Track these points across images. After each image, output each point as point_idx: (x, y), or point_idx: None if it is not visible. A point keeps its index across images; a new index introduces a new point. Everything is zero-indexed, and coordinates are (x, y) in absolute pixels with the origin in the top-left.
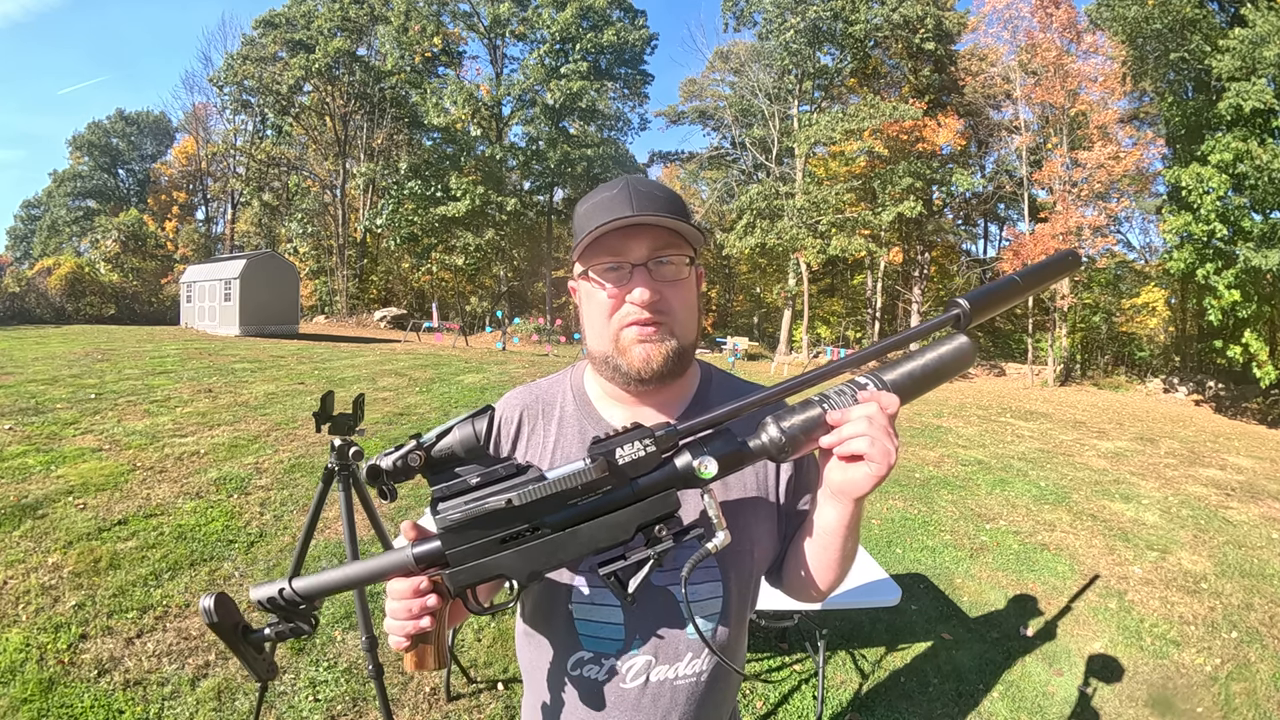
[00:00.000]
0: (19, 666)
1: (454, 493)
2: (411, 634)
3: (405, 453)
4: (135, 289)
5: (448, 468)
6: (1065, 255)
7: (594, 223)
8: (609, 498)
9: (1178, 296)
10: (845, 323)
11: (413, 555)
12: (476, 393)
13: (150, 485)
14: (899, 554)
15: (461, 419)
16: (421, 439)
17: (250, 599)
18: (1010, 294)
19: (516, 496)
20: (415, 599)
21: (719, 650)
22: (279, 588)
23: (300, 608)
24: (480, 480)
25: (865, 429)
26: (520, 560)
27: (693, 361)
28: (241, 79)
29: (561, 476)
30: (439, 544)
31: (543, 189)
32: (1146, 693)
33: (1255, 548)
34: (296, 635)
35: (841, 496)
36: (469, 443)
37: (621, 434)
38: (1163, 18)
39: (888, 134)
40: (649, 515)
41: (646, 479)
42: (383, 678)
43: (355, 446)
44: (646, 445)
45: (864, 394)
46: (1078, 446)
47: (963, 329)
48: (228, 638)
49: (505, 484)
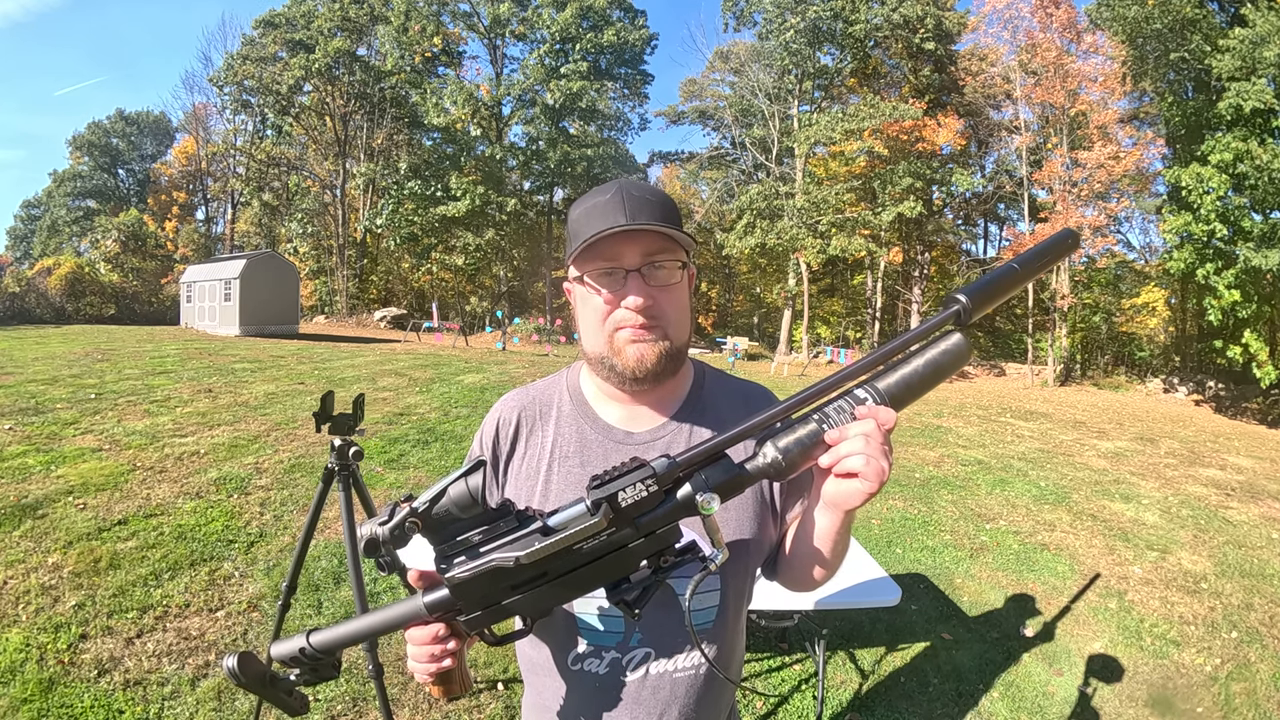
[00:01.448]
0: (19, 666)
1: (457, 551)
2: (435, 674)
3: (401, 520)
4: (135, 289)
5: (445, 527)
6: (1064, 236)
7: (588, 229)
8: (614, 538)
9: (1178, 296)
10: (845, 323)
11: (424, 605)
12: (476, 393)
13: (150, 485)
14: (899, 554)
15: (454, 478)
16: (415, 503)
17: (272, 656)
18: (1010, 282)
19: (524, 556)
20: (436, 645)
21: (717, 646)
22: (299, 646)
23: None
24: (483, 537)
25: (862, 447)
26: (532, 602)
27: (686, 361)
28: (241, 79)
29: (567, 531)
30: (449, 594)
31: (543, 189)
32: (1146, 693)
33: (1255, 548)
34: (322, 680)
35: (834, 508)
36: (464, 501)
37: (621, 474)
38: (1163, 18)
39: (888, 134)
40: (654, 549)
41: (649, 516)
42: (383, 678)
43: (355, 446)
44: (649, 485)
45: (861, 410)
46: (1078, 446)
47: (964, 324)
48: (258, 690)
49: (509, 539)
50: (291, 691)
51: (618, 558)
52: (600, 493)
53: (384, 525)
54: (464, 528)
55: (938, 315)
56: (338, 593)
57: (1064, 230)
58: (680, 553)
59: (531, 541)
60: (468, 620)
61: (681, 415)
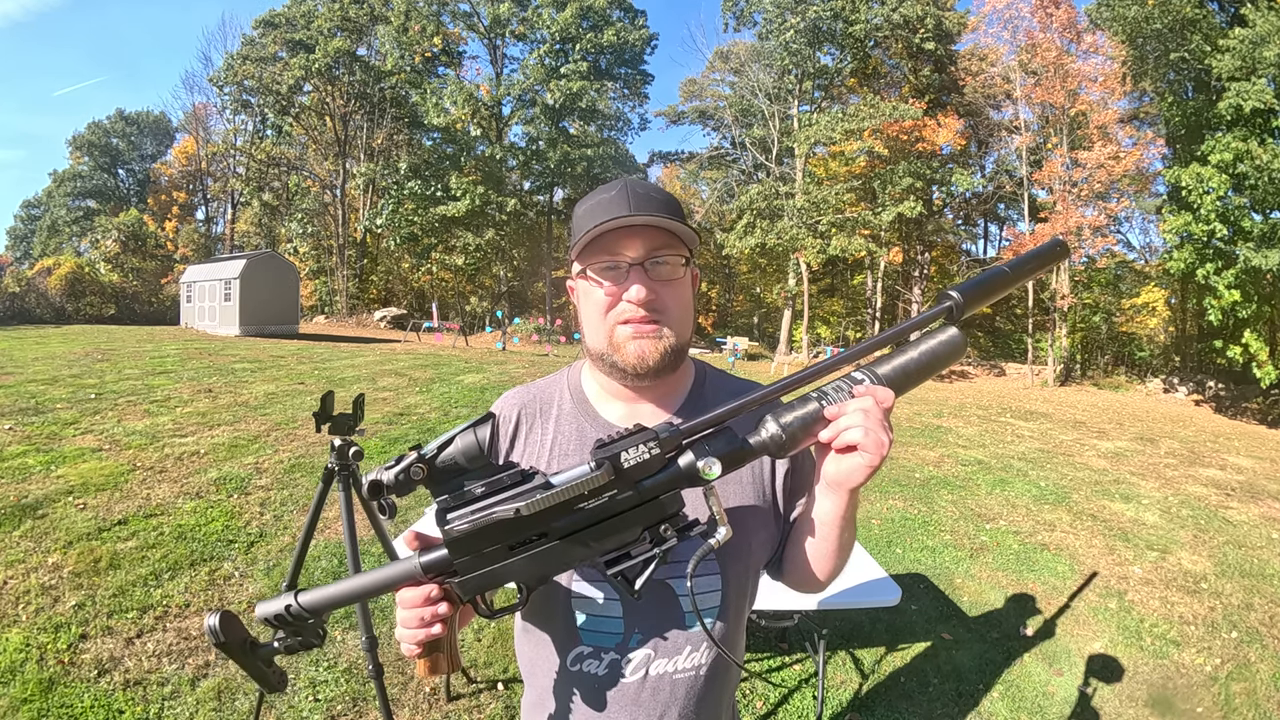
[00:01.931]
0: (19, 666)
1: (459, 504)
2: (424, 641)
3: (407, 465)
4: (135, 289)
5: (450, 478)
6: (1054, 244)
7: (592, 222)
8: (615, 501)
9: (1178, 296)
10: (845, 323)
11: (420, 565)
12: (476, 393)
13: (150, 485)
14: (899, 554)
15: (463, 428)
16: (422, 450)
17: (256, 616)
18: (1000, 284)
19: (525, 506)
20: (427, 607)
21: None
22: (285, 604)
23: (308, 622)
24: (485, 490)
25: (861, 420)
26: (529, 566)
27: (687, 359)
28: (241, 79)
29: (568, 483)
30: (446, 553)
31: (543, 189)
32: (1146, 693)
33: (1255, 548)
34: (306, 649)
35: (837, 488)
36: (471, 451)
37: (625, 436)
38: (1163, 18)
39: (888, 134)
40: (655, 516)
41: (651, 481)
42: (383, 678)
43: (355, 446)
44: (651, 448)
45: (859, 389)
46: (1078, 446)
47: (956, 321)
48: (236, 655)
49: (511, 493)
50: (271, 663)
51: (619, 521)
52: (603, 453)
53: (390, 470)
54: (468, 480)
55: (931, 309)
56: None
57: (1054, 239)
58: (682, 531)
59: (533, 494)
60: (463, 582)
61: (683, 414)
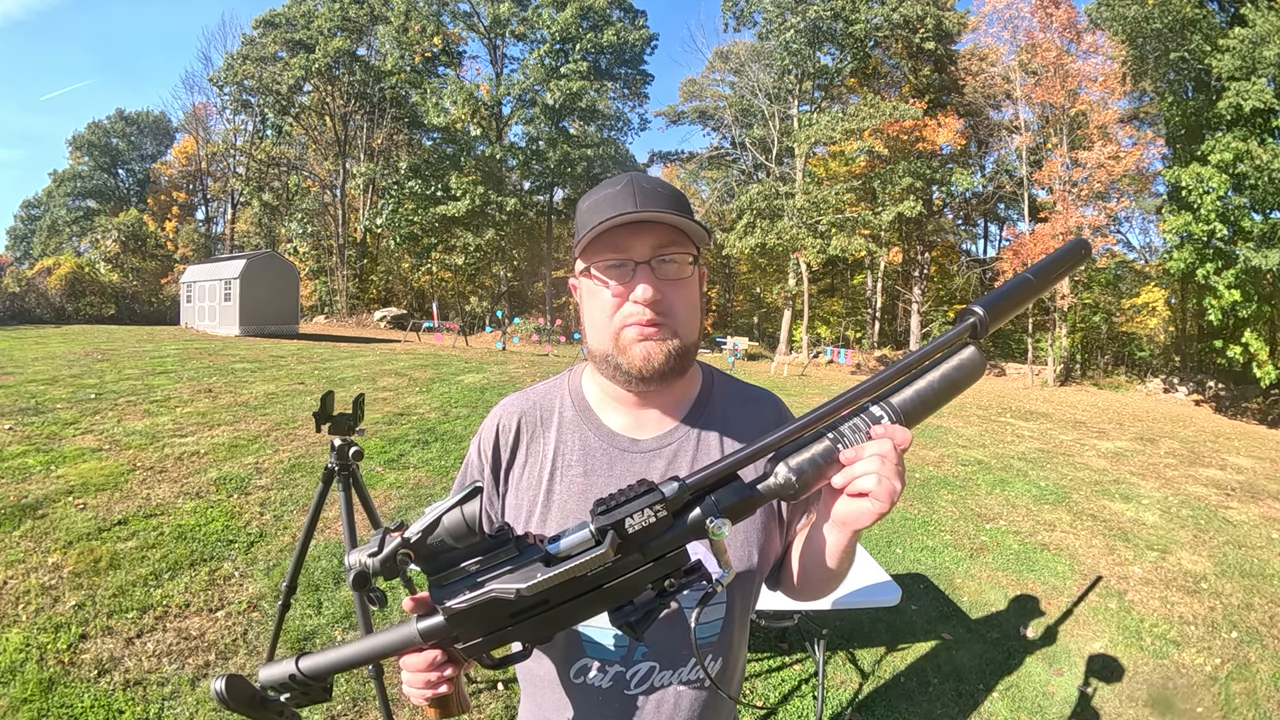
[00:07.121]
0: (19, 666)
1: (454, 580)
2: (431, 699)
3: (391, 552)
4: (135, 289)
5: (440, 555)
6: (1077, 245)
7: (597, 219)
8: (620, 564)
9: (1178, 296)
10: (845, 323)
11: (419, 632)
12: (476, 393)
13: (150, 485)
14: (899, 554)
15: (448, 506)
16: (406, 533)
17: (259, 682)
18: (1025, 293)
19: (526, 589)
20: (432, 671)
21: (722, 659)
22: (288, 672)
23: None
24: (480, 567)
25: (876, 467)
26: (531, 629)
27: (694, 362)
28: (241, 79)
29: (571, 561)
30: (445, 621)
31: (543, 189)
32: (1146, 693)
33: (1255, 548)
34: (314, 704)
35: (842, 527)
36: (459, 531)
37: (628, 498)
38: (1163, 17)
39: (888, 134)
40: (660, 573)
41: (657, 542)
42: (383, 678)
43: (355, 446)
44: (657, 511)
45: (877, 430)
46: (1078, 446)
47: (981, 337)
48: (246, 712)
49: (508, 569)
50: (283, 712)
51: (623, 584)
52: (606, 519)
53: (373, 557)
54: (460, 556)
55: (954, 328)
56: (338, 593)
57: (1077, 239)
58: (686, 574)
59: (533, 573)
60: (465, 648)
61: (689, 420)
